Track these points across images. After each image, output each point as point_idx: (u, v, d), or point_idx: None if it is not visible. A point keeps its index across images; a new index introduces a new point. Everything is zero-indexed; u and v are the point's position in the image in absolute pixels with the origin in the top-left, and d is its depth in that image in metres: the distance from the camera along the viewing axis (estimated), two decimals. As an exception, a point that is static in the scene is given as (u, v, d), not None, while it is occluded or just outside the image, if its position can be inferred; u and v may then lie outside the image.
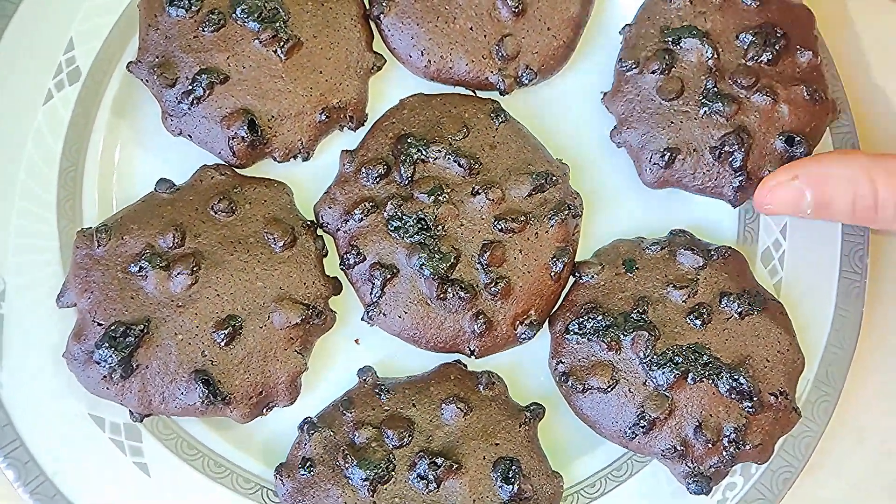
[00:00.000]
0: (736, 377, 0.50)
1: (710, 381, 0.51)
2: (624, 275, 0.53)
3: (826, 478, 0.58)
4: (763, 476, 0.54)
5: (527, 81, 0.56)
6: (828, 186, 0.49)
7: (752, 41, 0.54)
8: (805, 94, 0.54)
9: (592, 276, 0.54)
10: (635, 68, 0.55)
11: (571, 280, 0.55)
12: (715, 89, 0.54)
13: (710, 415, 0.50)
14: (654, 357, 0.51)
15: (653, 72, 0.55)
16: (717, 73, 0.54)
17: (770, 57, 0.54)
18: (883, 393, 0.60)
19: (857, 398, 0.59)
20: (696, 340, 0.51)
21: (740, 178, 0.54)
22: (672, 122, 0.54)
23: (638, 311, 0.52)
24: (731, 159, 0.53)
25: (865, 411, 0.60)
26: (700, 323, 0.52)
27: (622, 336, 0.51)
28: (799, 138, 0.53)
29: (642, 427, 0.50)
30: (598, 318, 0.52)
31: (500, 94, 0.56)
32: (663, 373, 0.50)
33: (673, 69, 0.54)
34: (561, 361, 0.52)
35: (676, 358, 0.51)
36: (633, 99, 0.55)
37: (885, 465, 0.59)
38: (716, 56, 0.54)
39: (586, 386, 0.51)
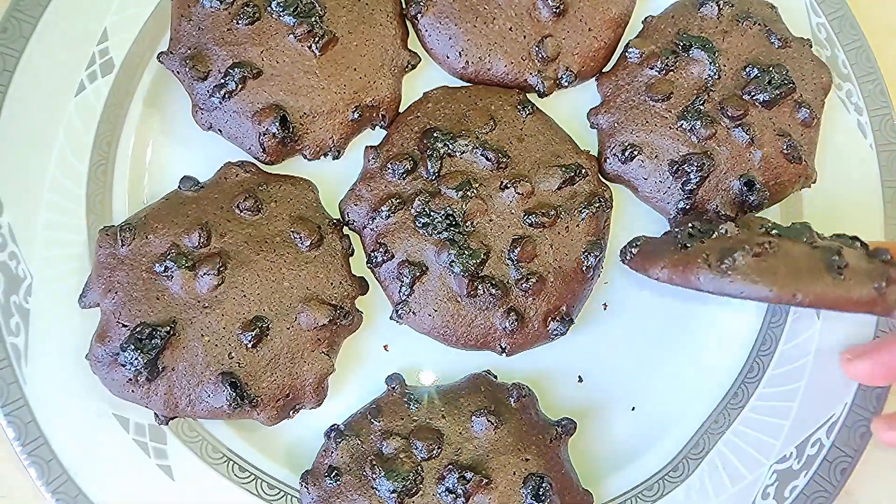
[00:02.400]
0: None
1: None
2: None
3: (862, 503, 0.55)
4: (796, 500, 0.50)
5: (566, 83, 0.53)
6: None
7: (755, 76, 0.51)
8: (784, 148, 0.51)
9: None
10: (638, 58, 0.52)
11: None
12: (700, 108, 0.51)
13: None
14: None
15: (651, 67, 0.52)
16: (710, 93, 0.51)
17: (767, 99, 0.51)
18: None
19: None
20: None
21: (687, 202, 0.51)
22: (647, 122, 0.51)
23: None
24: (685, 179, 0.50)
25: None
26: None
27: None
28: (759, 186, 0.50)
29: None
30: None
31: (539, 96, 0.53)
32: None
33: (671, 73, 0.52)
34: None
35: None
36: (623, 86, 0.53)
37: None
38: (717, 77, 0.51)
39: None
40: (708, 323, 0.53)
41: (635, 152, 0.51)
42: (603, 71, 0.54)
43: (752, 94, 0.51)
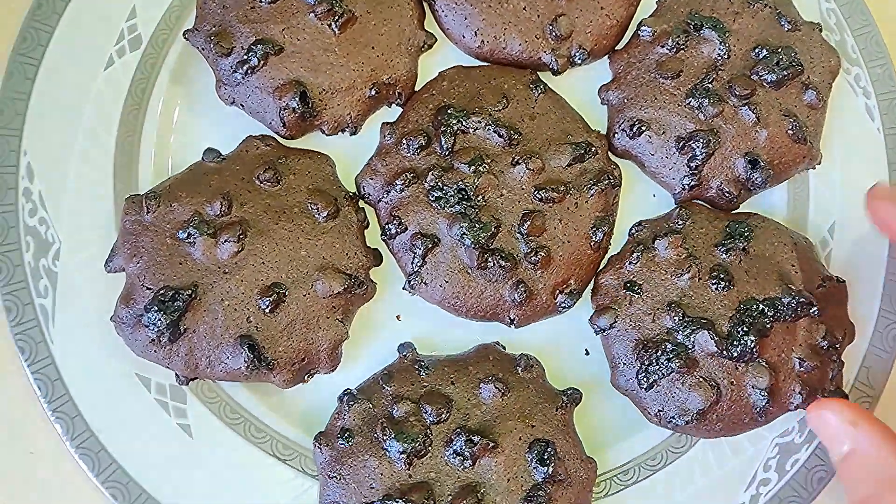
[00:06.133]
0: (791, 299, 0.48)
1: (778, 322, 0.48)
2: (636, 300, 0.49)
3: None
4: (797, 474, 0.50)
5: (579, 61, 0.53)
6: (864, 462, 0.42)
7: (764, 57, 0.51)
8: (790, 128, 0.51)
9: (614, 322, 0.49)
10: (650, 36, 0.53)
11: (598, 338, 0.50)
12: (709, 86, 0.51)
13: (801, 344, 0.48)
14: (725, 342, 0.47)
15: (663, 46, 0.52)
16: (719, 72, 0.51)
17: (774, 79, 0.51)
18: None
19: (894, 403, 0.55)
20: (738, 300, 0.48)
21: (692, 178, 0.51)
22: (656, 99, 0.52)
23: (677, 318, 0.48)
24: (691, 155, 0.51)
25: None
26: (726, 284, 0.48)
27: (688, 350, 0.47)
28: (763, 164, 0.50)
29: (768, 403, 0.47)
30: (658, 356, 0.47)
31: (553, 73, 0.53)
32: (744, 349, 0.47)
33: (682, 51, 0.52)
34: (661, 411, 0.48)
35: (739, 329, 0.47)
36: (634, 63, 0.53)
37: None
38: (726, 56, 0.52)
39: (701, 415, 0.47)
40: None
41: (643, 128, 0.52)
42: (615, 49, 0.55)
43: (761, 74, 0.51)
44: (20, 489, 0.51)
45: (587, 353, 0.53)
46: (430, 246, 0.49)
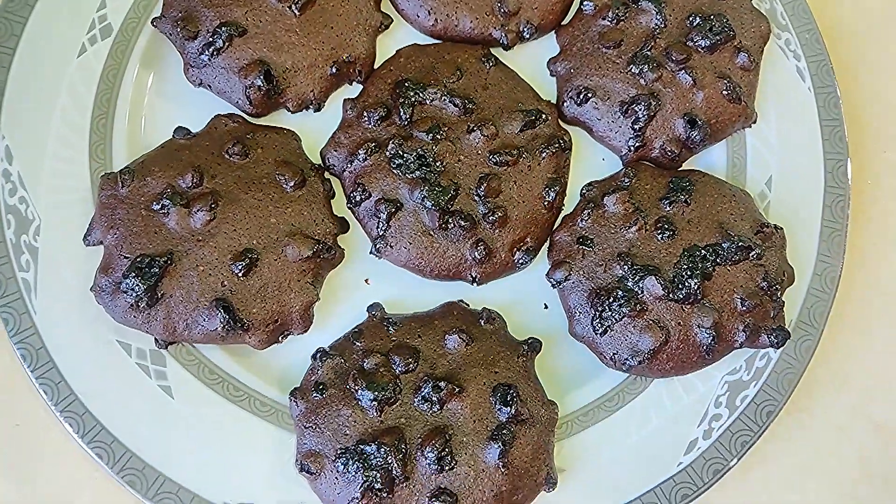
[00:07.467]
0: (730, 244, 0.51)
1: (719, 265, 0.51)
2: (589, 253, 0.52)
3: (811, 421, 0.58)
4: (747, 408, 0.54)
5: (528, 36, 0.57)
6: None
7: (698, 24, 0.55)
8: (724, 89, 0.54)
9: (569, 275, 0.52)
10: (592, 10, 0.56)
11: (555, 293, 0.53)
12: (648, 53, 0.55)
13: (742, 286, 0.51)
14: (671, 286, 0.50)
15: (604, 18, 0.56)
16: (657, 40, 0.55)
17: (708, 44, 0.54)
18: (866, 336, 0.60)
19: (840, 344, 0.59)
20: (681, 248, 0.51)
21: (637, 139, 0.54)
22: (600, 67, 0.55)
23: (627, 267, 0.51)
24: (634, 118, 0.54)
25: (848, 356, 0.59)
26: (670, 233, 0.52)
27: (637, 296, 0.50)
28: (701, 123, 0.54)
29: (714, 341, 0.50)
30: (610, 302, 0.50)
31: (504, 49, 0.57)
32: (689, 291, 0.50)
33: (622, 22, 0.56)
34: (616, 354, 0.51)
35: (684, 273, 0.51)
36: (579, 36, 0.57)
37: (869, 407, 0.59)
38: (663, 25, 0.55)
39: (652, 355, 0.50)
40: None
41: (589, 95, 0.55)
42: (561, 24, 0.58)
43: (695, 40, 0.55)
44: (8, 460, 0.53)
45: (546, 307, 0.56)
46: (394, 210, 0.52)
